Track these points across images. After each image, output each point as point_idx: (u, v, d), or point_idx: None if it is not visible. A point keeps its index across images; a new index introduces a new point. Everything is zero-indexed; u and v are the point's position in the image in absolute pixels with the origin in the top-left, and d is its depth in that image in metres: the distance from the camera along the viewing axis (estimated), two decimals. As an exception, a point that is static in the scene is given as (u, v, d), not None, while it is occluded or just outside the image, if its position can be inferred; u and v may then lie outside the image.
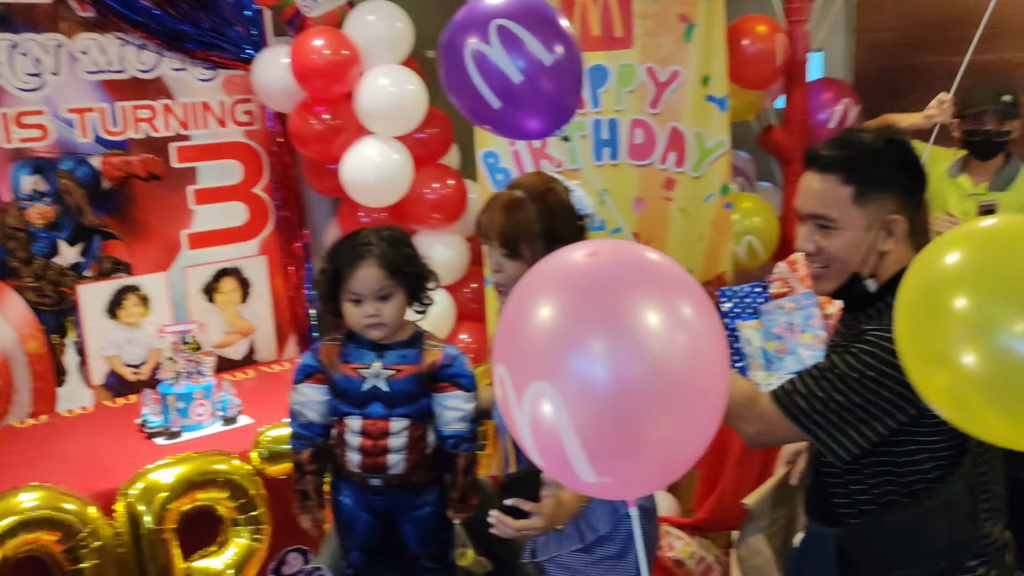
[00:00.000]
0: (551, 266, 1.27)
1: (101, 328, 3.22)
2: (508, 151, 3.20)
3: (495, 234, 1.90)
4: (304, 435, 2.12)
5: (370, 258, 1.99)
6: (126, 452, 2.75)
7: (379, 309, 2.00)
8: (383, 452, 2.02)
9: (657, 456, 1.19)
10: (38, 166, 3.02)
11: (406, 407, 2.04)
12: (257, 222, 3.54)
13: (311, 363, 2.11)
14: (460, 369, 2.07)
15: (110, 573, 2.38)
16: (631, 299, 1.17)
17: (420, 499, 2.10)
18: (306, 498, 2.13)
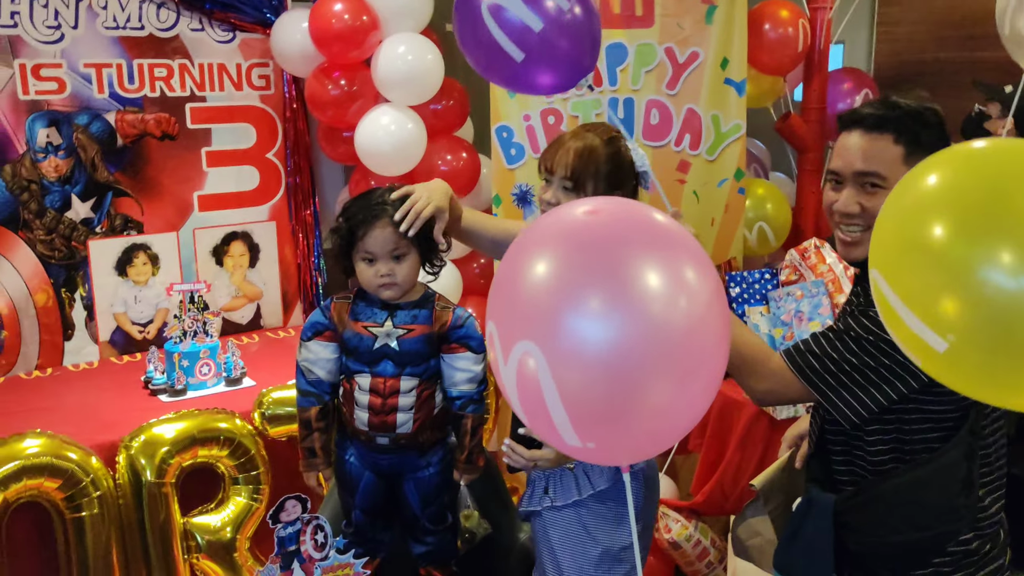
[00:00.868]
0: (549, 222, 1.24)
1: (110, 285, 3.23)
2: (522, 126, 3.19)
3: (564, 164, 1.90)
4: (312, 392, 2.12)
5: (385, 217, 1.99)
6: (129, 407, 2.76)
7: (392, 269, 2.00)
8: (392, 411, 2.03)
9: (646, 424, 1.15)
10: (53, 119, 3.03)
11: (416, 366, 2.05)
12: (268, 187, 3.55)
13: (321, 320, 2.11)
14: (470, 331, 2.08)
15: (110, 523, 2.39)
16: (629, 258, 1.12)
17: (424, 459, 2.11)
18: (312, 455, 2.14)
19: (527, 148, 3.20)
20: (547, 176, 1.96)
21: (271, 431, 2.67)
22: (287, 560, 1.47)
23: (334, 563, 1.48)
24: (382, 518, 2.17)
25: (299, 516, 1.47)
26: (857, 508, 1.61)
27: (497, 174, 3.21)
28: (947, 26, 3.75)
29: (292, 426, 2.69)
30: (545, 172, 1.97)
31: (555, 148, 1.95)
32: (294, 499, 1.48)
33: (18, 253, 3.03)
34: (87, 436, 2.48)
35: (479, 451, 2.11)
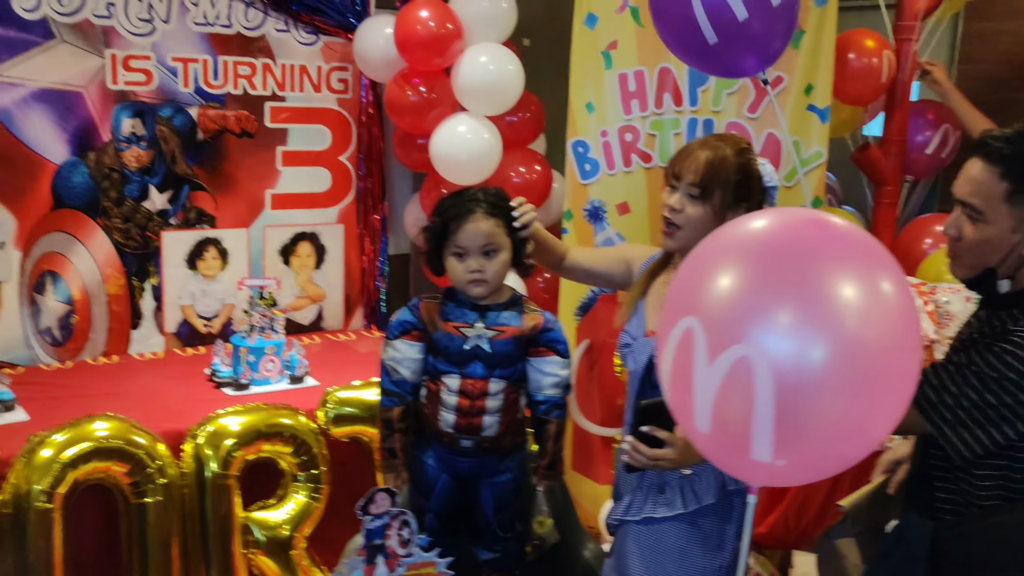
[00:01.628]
0: (773, 227, 1.20)
1: (179, 277, 3.26)
2: (599, 142, 3.17)
3: (693, 171, 1.89)
4: (395, 392, 2.12)
5: (478, 212, 2.00)
6: (194, 397, 2.77)
7: (483, 265, 2.00)
8: (480, 413, 2.02)
9: (841, 443, 1.14)
10: (139, 110, 3.08)
11: (505, 368, 2.04)
12: (339, 190, 3.57)
13: (410, 319, 2.10)
14: (559, 335, 2.09)
15: (172, 511, 2.40)
16: (862, 278, 1.12)
17: (503, 464, 2.10)
18: (392, 456, 2.12)
19: (602, 164, 3.18)
20: (673, 182, 1.95)
21: (334, 431, 2.67)
22: (372, 554, 1.44)
23: (418, 560, 1.45)
24: (453, 522, 2.14)
25: (387, 510, 1.45)
26: (959, 539, 1.56)
27: (570, 189, 3.20)
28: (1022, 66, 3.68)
29: (355, 427, 2.69)
30: (671, 178, 1.95)
31: (684, 155, 1.94)
32: (384, 492, 1.46)
33: (95, 239, 3.07)
34: (153, 423, 2.49)
35: (560, 457, 2.08)
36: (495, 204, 2.02)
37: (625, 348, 2.06)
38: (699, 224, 1.91)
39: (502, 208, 2.03)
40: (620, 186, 3.19)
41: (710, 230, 1.94)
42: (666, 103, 3.13)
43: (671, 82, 3.11)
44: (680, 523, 1.94)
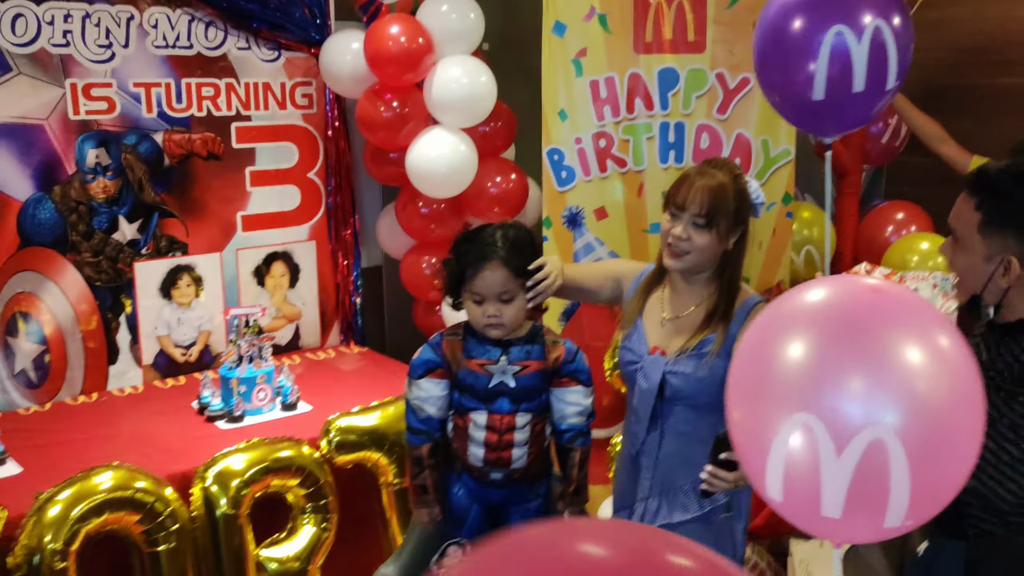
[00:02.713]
0: (838, 300, 1.21)
1: (154, 307, 3.17)
2: (573, 149, 3.20)
3: (698, 202, 1.94)
4: (423, 430, 2.10)
5: (496, 260, 1.99)
6: (190, 435, 2.72)
7: (500, 310, 2.00)
8: (508, 447, 2.03)
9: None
10: (103, 139, 2.97)
11: (531, 402, 2.05)
12: (309, 207, 3.51)
13: (432, 358, 2.09)
14: (580, 364, 2.10)
15: (186, 556, 2.36)
16: (926, 339, 1.15)
17: (533, 491, 2.12)
18: (424, 492, 2.12)
19: (578, 171, 3.21)
20: (675, 212, 1.99)
21: (338, 459, 2.65)
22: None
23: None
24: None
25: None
26: (990, 559, 1.64)
27: (548, 196, 3.22)
28: (973, 52, 3.83)
29: (359, 453, 2.68)
30: (673, 208, 2.00)
31: (685, 186, 1.98)
32: (455, 544, 1.47)
33: (66, 276, 2.97)
34: (155, 467, 2.44)
35: (585, 484, 2.11)
36: (510, 252, 2.01)
37: (631, 366, 2.10)
38: (706, 249, 2.00)
39: (518, 256, 2.02)
40: (597, 192, 3.23)
41: (715, 253, 2.02)
42: (637, 108, 3.18)
43: (641, 87, 3.15)
44: (695, 524, 2.03)
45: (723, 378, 2.08)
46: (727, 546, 2.07)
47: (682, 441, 2.05)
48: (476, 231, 2.06)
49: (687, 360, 2.01)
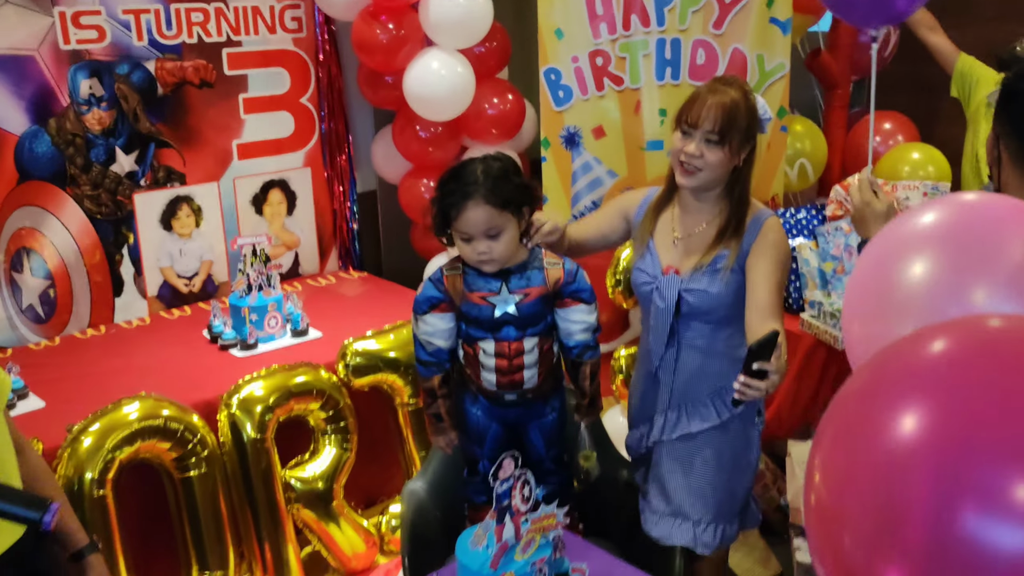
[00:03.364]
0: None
1: (156, 239, 3.17)
2: (570, 68, 3.20)
3: (711, 119, 1.97)
4: (432, 362, 2.14)
5: (477, 197, 1.96)
6: (206, 363, 2.77)
7: (489, 247, 1.99)
8: (519, 369, 2.08)
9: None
10: (95, 69, 2.91)
11: (536, 326, 2.08)
12: (303, 133, 3.49)
13: (435, 294, 2.10)
14: (581, 283, 2.11)
15: (216, 481, 2.42)
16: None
17: (547, 406, 2.18)
18: (439, 420, 2.18)
19: (575, 90, 3.22)
20: (687, 129, 2.01)
21: (355, 382, 2.71)
22: (502, 514, 1.54)
23: (540, 515, 1.56)
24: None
25: (512, 473, 1.54)
26: None
27: (545, 116, 3.23)
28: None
29: (376, 376, 2.74)
30: (685, 126, 2.02)
31: (698, 103, 2.00)
32: (510, 456, 1.54)
33: (66, 210, 2.94)
34: (177, 396, 2.47)
35: (599, 394, 2.18)
36: (493, 187, 1.97)
37: (646, 286, 2.15)
38: (718, 166, 2.02)
39: (501, 190, 1.98)
40: (594, 110, 3.25)
41: (727, 170, 2.06)
42: (634, 25, 3.17)
43: (638, 3, 3.14)
44: (713, 431, 2.13)
45: (737, 292, 2.16)
46: (743, 450, 2.18)
47: (698, 355, 2.13)
48: (458, 168, 2.03)
49: (702, 277, 2.07)
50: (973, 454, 0.84)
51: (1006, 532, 0.81)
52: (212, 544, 2.41)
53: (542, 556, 1.57)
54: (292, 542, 2.55)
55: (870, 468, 0.89)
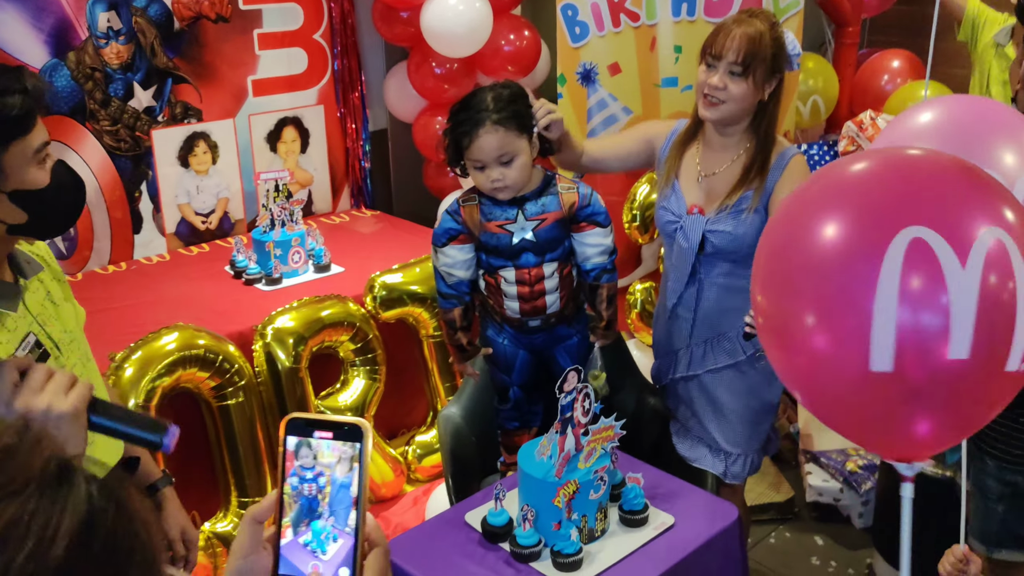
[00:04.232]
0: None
1: (173, 175, 3.17)
2: (587, 4, 3.20)
3: (735, 49, 1.97)
4: (453, 294, 2.18)
5: (488, 123, 1.98)
6: (233, 297, 2.79)
7: (503, 173, 2.01)
8: (540, 295, 2.13)
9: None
10: (113, 2, 2.89)
11: (554, 251, 2.11)
12: (316, 70, 3.48)
13: (453, 225, 2.13)
14: (596, 206, 2.13)
15: (254, 408, 2.47)
16: None
17: (572, 329, 2.24)
18: (463, 350, 2.23)
19: (591, 26, 3.22)
20: (711, 61, 2.02)
21: (383, 315, 2.76)
22: (564, 426, 1.60)
23: (600, 427, 1.62)
24: (535, 391, 2.31)
25: (575, 386, 1.59)
26: None
27: (562, 52, 3.24)
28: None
29: (402, 309, 2.79)
30: (709, 58, 2.03)
31: (723, 34, 2.01)
32: (574, 370, 1.60)
33: (86, 145, 2.93)
34: (210, 327, 2.51)
35: (615, 316, 2.23)
36: (503, 112, 2.00)
37: (671, 225, 2.17)
38: (741, 98, 2.03)
39: (512, 113, 2.01)
40: (610, 47, 3.26)
41: (751, 103, 2.07)
42: (651, -40, 3.17)
43: (655, -62, 3.14)
44: (739, 366, 2.18)
45: (760, 231, 2.18)
46: (768, 384, 2.21)
47: (720, 292, 2.16)
48: (468, 97, 2.05)
49: (727, 218, 2.08)
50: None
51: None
52: (250, 471, 2.47)
53: (603, 465, 1.64)
54: (326, 469, 2.61)
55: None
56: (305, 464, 0.81)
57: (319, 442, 0.81)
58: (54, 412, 1.01)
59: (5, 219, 1.29)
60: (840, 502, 2.96)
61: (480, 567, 1.62)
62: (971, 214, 1.19)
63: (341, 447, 0.81)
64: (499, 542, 1.68)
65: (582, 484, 1.62)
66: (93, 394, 1.08)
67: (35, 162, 1.29)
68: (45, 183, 1.30)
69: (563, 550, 1.59)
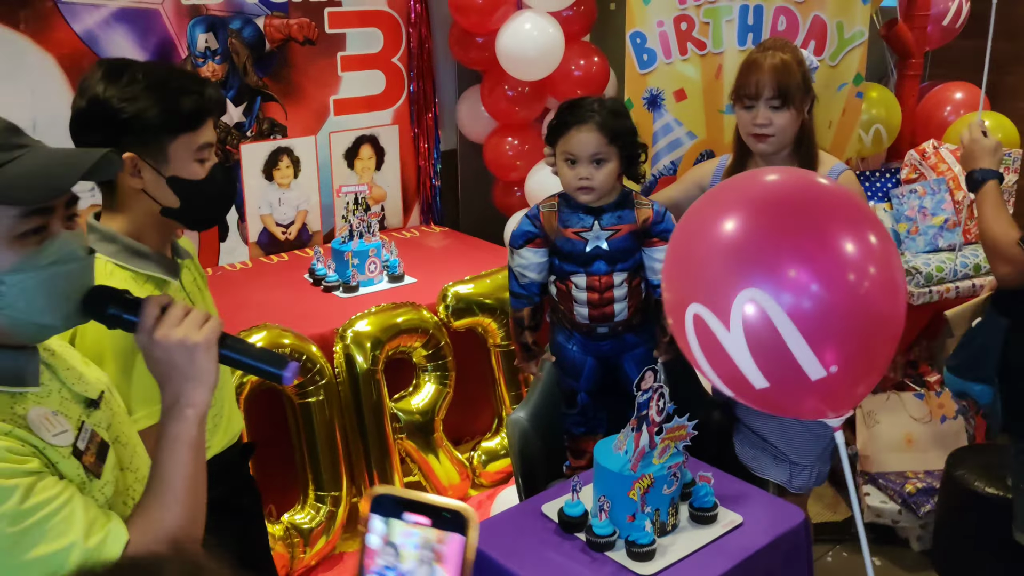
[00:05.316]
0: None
1: (258, 187, 3.34)
2: (655, 32, 3.32)
3: (769, 85, 2.10)
4: (524, 295, 2.31)
5: (591, 123, 2.14)
6: (311, 302, 2.94)
7: (591, 173, 2.14)
8: (609, 303, 2.24)
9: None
10: (211, 24, 3.08)
11: (625, 262, 2.24)
12: (393, 92, 3.64)
13: (531, 229, 2.25)
14: (668, 224, 2.25)
15: (333, 407, 2.60)
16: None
17: (639, 339, 2.34)
18: (527, 349, 2.35)
19: (659, 53, 3.34)
20: (749, 103, 2.15)
21: (454, 323, 2.88)
22: (640, 423, 1.70)
23: (674, 425, 1.71)
24: (601, 397, 2.41)
25: (651, 385, 1.69)
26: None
27: (629, 78, 3.36)
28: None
29: (473, 318, 2.91)
30: (746, 100, 2.15)
31: (752, 74, 2.14)
32: (651, 370, 1.70)
33: (180, 157, 3.12)
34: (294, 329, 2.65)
35: None
36: (608, 120, 2.16)
37: None
38: (788, 127, 2.16)
39: (615, 124, 2.16)
40: (676, 74, 3.37)
41: (796, 127, 2.18)
42: (719, -9, 3.29)
43: (723, -30, 3.25)
44: None
45: None
46: None
47: None
48: (578, 100, 2.22)
49: None
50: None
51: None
52: (327, 466, 2.59)
53: (675, 462, 1.73)
54: (398, 470, 2.73)
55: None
56: (388, 563, 0.67)
57: (410, 529, 0.66)
58: (189, 342, 1.12)
59: (161, 200, 1.46)
60: (898, 524, 2.99)
61: (557, 554, 1.72)
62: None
63: (435, 537, 0.66)
64: (575, 532, 1.77)
65: (656, 479, 1.71)
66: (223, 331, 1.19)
67: (196, 158, 1.46)
68: (200, 177, 1.47)
69: (637, 540, 1.68)
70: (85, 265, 1.11)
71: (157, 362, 1.13)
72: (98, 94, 1.45)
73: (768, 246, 1.47)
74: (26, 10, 2.73)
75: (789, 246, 1.45)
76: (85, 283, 1.12)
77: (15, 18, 2.72)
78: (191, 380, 1.13)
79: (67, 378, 1.16)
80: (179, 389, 1.13)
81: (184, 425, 1.13)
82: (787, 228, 1.48)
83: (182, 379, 1.13)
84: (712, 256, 1.51)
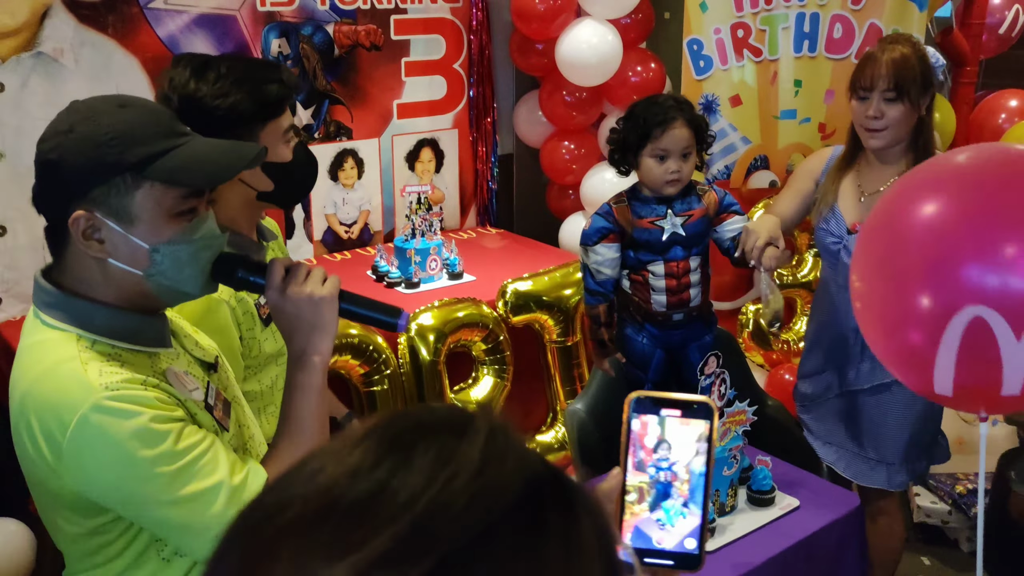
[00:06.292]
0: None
1: (323, 188, 3.47)
2: (712, 39, 3.40)
3: (884, 76, 2.11)
4: (599, 291, 2.40)
5: (681, 119, 2.25)
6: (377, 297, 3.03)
7: (680, 166, 2.26)
8: (686, 288, 2.34)
9: None
10: (284, 30, 3.22)
11: (698, 246, 2.36)
12: (453, 97, 3.76)
13: (606, 225, 2.35)
14: (731, 199, 2.42)
15: (397, 396, 2.71)
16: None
17: (706, 327, 2.43)
18: (603, 346, 2.44)
19: (715, 60, 3.42)
20: (863, 94, 2.16)
21: (513, 319, 2.97)
22: (702, 406, 1.77)
23: (735, 410, 1.79)
24: (666, 387, 2.49)
25: (714, 371, 1.76)
26: None
27: (686, 84, 3.44)
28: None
29: (531, 315, 3.00)
30: (860, 91, 2.16)
31: (869, 66, 2.16)
32: (714, 355, 1.77)
33: (253, 157, 3.26)
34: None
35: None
36: (691, 114, 2.31)
37: (834, 245, 2.28)
38: (902, 121, 2.14)
39: (697, 118, 2.32)
40: (732, 80, 3.45)
41: (910, 123, 2.15)
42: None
43: (780, -22, 3.32)
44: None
45: None
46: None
47: None
48: (651, 98, 2.33)
49: None
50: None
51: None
52: (390, 453, 2.69)
53: (736, 444, 1.80)
54: (457, 458, 2.82)
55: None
56: (660, 454, 0.78)
57: (669, 421, 0.78)
58: (316, 296, 1.25)
59: (256, 186, 1.57)
60: (948, 525, 3.01)
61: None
62: None
63: (690, 425, 0.77)
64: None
65: (717, 459, 1.78)
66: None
67: (283, 140, 1.57)
68: (289, 159, 1.57)
69: (697, 518, 1.75)
70: (222, 243, 1.23)
71: (286, 316, 1.25)
72: (191, 92, 1.55)
73: None
74: (114, 15, 2.89)
75: None
76: None
77: (104, 23, 2.88)
78: (317, 330, 1.24)
79: (187, 344, 1.28)
80: (306, 340, 1.25)
81: (311, 372, 1.25)
82: None
83: (309, 329, 1.24)
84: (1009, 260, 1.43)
